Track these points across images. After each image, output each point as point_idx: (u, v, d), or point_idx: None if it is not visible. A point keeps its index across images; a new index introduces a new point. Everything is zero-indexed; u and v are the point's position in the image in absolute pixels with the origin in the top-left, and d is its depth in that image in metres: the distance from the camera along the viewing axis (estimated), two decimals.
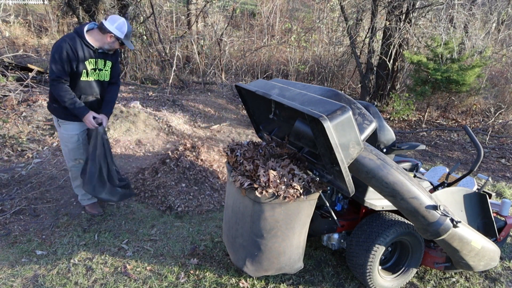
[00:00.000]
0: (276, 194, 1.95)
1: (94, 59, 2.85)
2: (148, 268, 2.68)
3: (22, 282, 2.48)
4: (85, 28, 2.77)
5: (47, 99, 3.02)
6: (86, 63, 2.80)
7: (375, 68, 7.97)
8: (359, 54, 8.20)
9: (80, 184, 3.12)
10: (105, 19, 2.78)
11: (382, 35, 7.79)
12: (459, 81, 6.31)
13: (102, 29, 2.76)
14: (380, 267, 2.56)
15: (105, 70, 2.97)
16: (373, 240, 2.37)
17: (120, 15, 8.88)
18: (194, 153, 4.01)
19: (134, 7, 8.00)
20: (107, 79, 3.02)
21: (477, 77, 6.81)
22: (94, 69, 2.88)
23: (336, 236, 2.65)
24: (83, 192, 3.18)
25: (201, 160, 3.99)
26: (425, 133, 6.97)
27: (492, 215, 2.61)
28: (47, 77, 7.70)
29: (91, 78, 2.89)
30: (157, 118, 5.56)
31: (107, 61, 2.95)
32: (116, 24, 2.76)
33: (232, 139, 5.69)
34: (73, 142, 3.00)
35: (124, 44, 2.87)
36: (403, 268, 2.63)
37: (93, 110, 3.00)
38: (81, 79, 2.83)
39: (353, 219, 2.66)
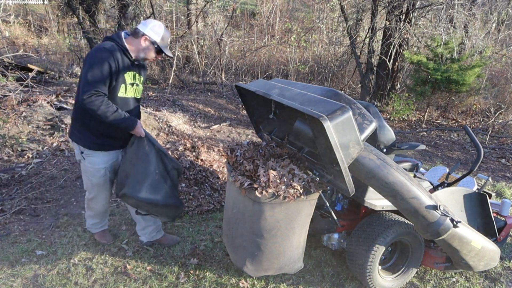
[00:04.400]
0: (276, 194, 1.95)
1: (133, 72, 2.46)
2: (148, 268, 2.68)
3: (22, 282, 2.48)
4: (122, 35, 2.41)
5: (70, 127, 2.51)
6: (126, 76, 2.40)
7: (375, 68, 7.97)
8: (359, 54, 8.20)
9: (93, 214, 2.79)
10: (139, 23, 2.46)
11: (382, 35, 7.79)
12: (459, 81, 6.31)
13: (136, 32, 2.40)
14: (380, 267, 2.56)
15: (140, 85, 2.56)
16: (373, 240, 2.37)
17: (119, 15, 8.84)
18: (194, 153, 4.01)
19: (134, 7, 8.00)
20: (138, 96, 2.61)
21: (477, 77, 6.81)
22: (132, 84, 2.47)
23: (336, 236, 2.65)
24: (94, 221, 2.84)
25: (201, 160, 3.99)
26: (425, 133, 6.97)
27: (492, 215, 2.61)
28: (47, 77, 7.70)
29: (128, 95, 2.48)
30: (157, 118, 5.57)
31: (141, 76, 2.56)
32: (150, 25, 2.41)
33: (232, 139, 5.70)
34: (99, 176, 2.54)
35: (161, 52, 2.46)
36: (403, 268, 2.63)
37: (130, 133, 2.55)
38: (119, 95, 2.41)
39: (353, 219, 2.66)
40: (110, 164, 2.56)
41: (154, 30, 2.40)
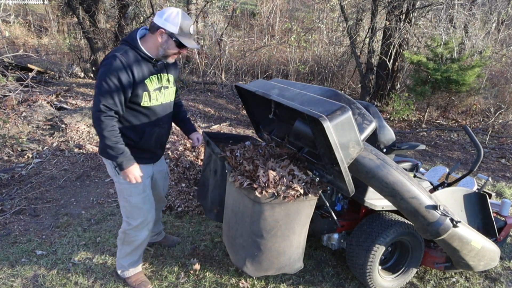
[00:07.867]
0: (276, 194, 1.95)
1: (156, 75, 2.11)
2: (148, 268, 2.68)
3: (22, 282, 2.48)
4: (138, 35, 2.06)
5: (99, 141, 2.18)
6: (147, 82, 2.06)
7: (375, 68, 7.97)
8: (359, 54, 8.20)
9: (130, 250, 2.38)
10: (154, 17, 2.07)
11: (382, 35, 7.79)
12: (459, 81, 6.31)
13: (152, 27, 2.04)
14: (380, 267, 2.56)
15: (170, 87, 2.22)
16: (373, 240, 2.37)
17: (119, 15, 8.81)
18: (194, 153, 4.01)
19: (134, 7, 8.00)
20: (172, 99, 2.29)
21: (477, 77, 6.81)
22: (159, 89, 2.14)
23: (336, 236, 2.65)
24: (131, 259, 2.43)
25: (201, 160, 3.99)
26: (425, 133, 6.97)
27: (492, 215, 2.61)
28: (47, 77, 7.70)
29: (154, 103, 2.14)
30: None
31: (169, 75, 2.21)
32: (165, 16, 2.00)
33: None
34: (137, 193, 2.21)
35: (182, 45, 2.05)
36: (403, 268, 2.63)
37: (162, 144, 2.34)
38: (142, 105, 2.09)
39: (353, 219, 2.66)
40: (147, 179, 2.26)
41: (169, 20, 2.00)
